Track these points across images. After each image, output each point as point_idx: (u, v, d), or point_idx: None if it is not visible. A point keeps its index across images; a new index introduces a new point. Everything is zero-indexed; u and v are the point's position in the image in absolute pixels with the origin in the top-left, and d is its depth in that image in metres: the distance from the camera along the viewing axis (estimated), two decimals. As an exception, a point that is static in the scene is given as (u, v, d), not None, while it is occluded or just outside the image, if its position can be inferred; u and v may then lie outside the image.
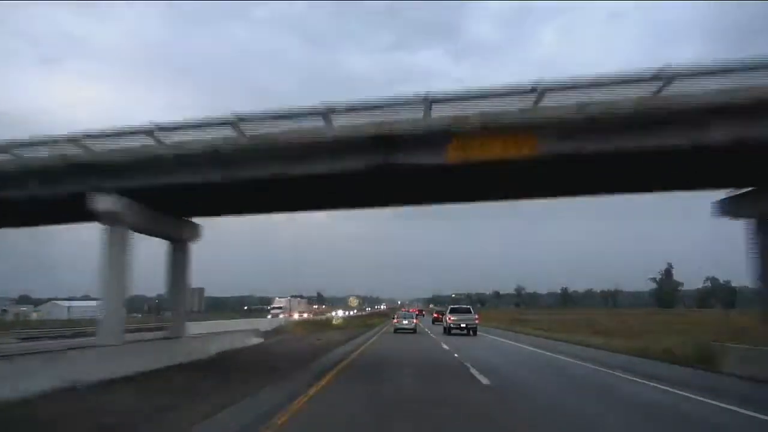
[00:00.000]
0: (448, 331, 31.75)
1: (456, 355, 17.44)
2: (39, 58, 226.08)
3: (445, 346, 21.16)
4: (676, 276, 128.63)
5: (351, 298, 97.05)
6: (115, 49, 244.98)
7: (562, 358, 17.17)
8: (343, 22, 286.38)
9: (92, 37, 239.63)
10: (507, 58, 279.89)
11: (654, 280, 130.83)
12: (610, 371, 13.22)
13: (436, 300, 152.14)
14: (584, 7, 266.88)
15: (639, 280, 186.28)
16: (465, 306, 38.25)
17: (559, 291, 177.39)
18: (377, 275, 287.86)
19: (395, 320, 36.73)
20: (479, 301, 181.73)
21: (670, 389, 10.27)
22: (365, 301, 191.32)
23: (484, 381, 11.24)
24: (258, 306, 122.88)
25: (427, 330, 36.74)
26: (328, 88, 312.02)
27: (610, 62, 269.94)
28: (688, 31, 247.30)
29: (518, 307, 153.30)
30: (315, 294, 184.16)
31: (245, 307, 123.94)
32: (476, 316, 32.33)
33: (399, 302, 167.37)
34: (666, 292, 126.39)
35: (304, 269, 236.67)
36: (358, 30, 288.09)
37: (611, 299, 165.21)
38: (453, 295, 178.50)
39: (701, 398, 9.28)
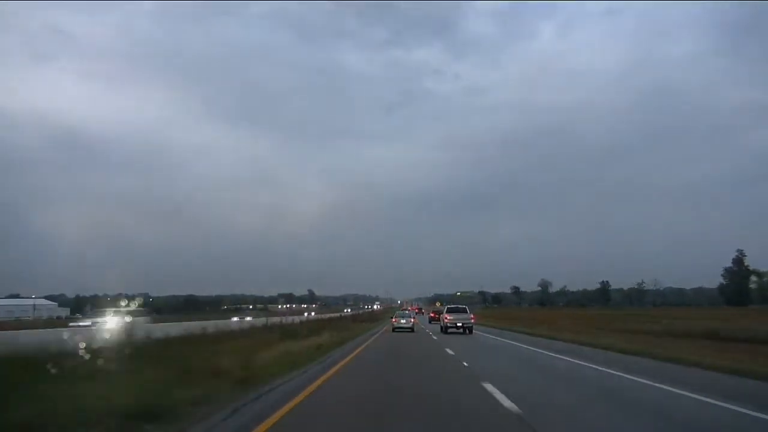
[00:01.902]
0: (444, 330, 32.58)
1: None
2: (30, 54, 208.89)
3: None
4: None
5: None
6: (105, 46, 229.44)
7: None
8: (338, 18, 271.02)
9: (83, 34, 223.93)
10: (506, 54, 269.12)
11: (726, 272, 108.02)
12: None
13: (441, 299, 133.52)
14: (583, 4, 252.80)
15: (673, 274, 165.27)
16: (461, 306, 38.43)
17: (594, 287, 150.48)
18: (379, 274, 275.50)
19: (394, 320, 37.01)
20: (495, 300, 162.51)
21: None
22: (359, 300, 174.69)
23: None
24: (235, 306, 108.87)
25: (425, 328, 38.36)
26: (323, 84, 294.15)
27: (608, 57, 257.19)
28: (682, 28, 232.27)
29: (543, 306, 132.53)
30: (306, 292, 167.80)
31: (224, 307, 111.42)
32: (472, 316, 33.21)
33: (399, 302, 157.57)
34: (758, 286, 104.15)
35: (302, 267, 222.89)
36: (353, 25, 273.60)
37: (636, 297, 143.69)
38: (458, 293, 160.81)
39: None
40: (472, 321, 32.71)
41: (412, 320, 36.29)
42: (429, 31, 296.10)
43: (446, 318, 33.01)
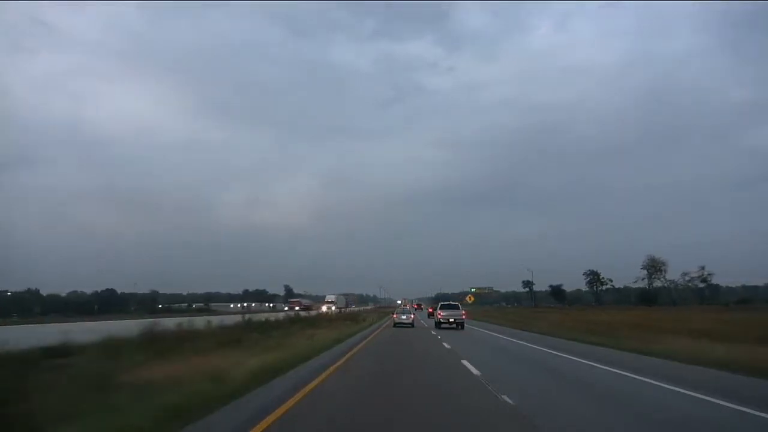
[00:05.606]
0: (438, 325, 35.22)
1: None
2: (12, 47, 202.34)
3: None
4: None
5: None
6: (94, 41, 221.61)
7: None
8: (329, 10, 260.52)
9: (70, 28, 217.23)
10: (503, 49, 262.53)
11: None
12: None
13: (446, 297, 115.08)
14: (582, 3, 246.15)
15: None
16: (454, 303, 40.83)
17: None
18: (377, 273, 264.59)
19: (395, 316, 40.75)
20: (557, 296, 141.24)
21: None
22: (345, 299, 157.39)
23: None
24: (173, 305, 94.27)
25: (424, 324, 42.58)
26: (316, 78, 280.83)
27: (606, 53, 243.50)
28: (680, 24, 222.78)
29: (650, 305, 78.20)
30: (282, 289, 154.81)
31: (160, 306, 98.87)
32: (463, 312, 36.13)
33: (399, 301, 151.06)
34: None
35: (296, 265, 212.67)
36: (343, 18, 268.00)
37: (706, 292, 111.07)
38: (473, 289, 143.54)
39: None
40: (464, 317, 35.63)
41: (412, 316, 39.09)
42: (422, 23, 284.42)
43: (439, 314, 35.79)
